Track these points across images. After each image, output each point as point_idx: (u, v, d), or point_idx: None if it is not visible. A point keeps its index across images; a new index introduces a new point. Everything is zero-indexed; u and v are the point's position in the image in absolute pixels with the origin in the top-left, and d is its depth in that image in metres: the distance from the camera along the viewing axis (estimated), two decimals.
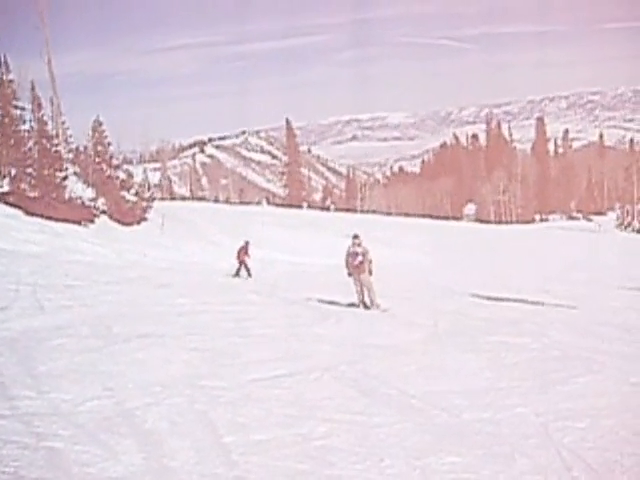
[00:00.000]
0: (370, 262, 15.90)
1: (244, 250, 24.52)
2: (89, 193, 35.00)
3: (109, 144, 39.08)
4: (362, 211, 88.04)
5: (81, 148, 45.64)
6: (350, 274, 16.08)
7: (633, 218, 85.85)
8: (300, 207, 78.86)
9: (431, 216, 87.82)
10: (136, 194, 38.13)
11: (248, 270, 24.09)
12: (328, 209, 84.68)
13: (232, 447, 5.98)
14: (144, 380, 8.06)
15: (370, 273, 15.85)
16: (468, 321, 14.42)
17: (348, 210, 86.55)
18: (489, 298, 18.55)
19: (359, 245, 16.00)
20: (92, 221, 32.53)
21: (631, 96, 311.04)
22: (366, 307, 15.78)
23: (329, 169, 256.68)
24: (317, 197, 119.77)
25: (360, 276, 15.81)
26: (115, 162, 39.38)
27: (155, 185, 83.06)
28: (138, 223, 35.46)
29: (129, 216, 35.20)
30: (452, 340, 11.91)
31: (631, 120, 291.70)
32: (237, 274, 23.90)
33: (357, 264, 15.79)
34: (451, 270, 33.02)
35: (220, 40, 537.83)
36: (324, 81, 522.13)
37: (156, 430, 6.33)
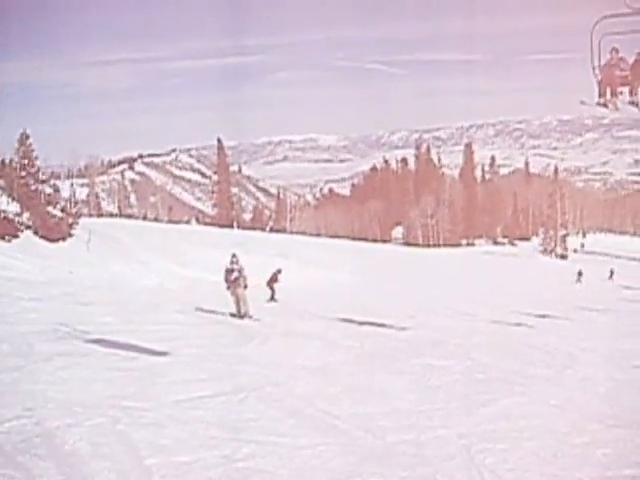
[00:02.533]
0: (245, 278, 17.83)
1: (275, 277, 24.57)
2: (13, 207, 34.08)
3: (36, 158, 38.13)
4: (292, 232, 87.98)
5: (7, 161, 44.55)
6: (228, 288, 17.92)
7: (556, 244, 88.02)
8: (230, 227, 78.51)
9: (360, 238, 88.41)
10: (62, 210, 37.26)
11: (273, 295, 24.02)
12: (264, 229, 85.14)
13: (154, 469, 5.91)
14: (65, 400, 7.88)
15: (245, 287, 17.74)
16: (393, 343, 14.56)
17: (278, 231, 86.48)
18: (407, 327, 18.77)
19: (236, 263, 18.08)
20: (16, 236, 31.63)
21: (556, 125, 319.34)
22: (241, 317, 17.44)
23: (260, 189, 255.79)
24: (247, 217, 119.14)
25: (236, 290, 17.73)
26: (42, 176, 38.47)
27: (82, 201, 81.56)
28: (64, 239, 34.62)
29: (55, 232, 34.37)
30: (377, 362, 12.00)
31: (555, 148, 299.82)
32: (272, 299, 23.81)
33: (233, 279, 17.79)
34: (376, 292, 33.22)
35: (153, 56, 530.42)
36: (257, 101, 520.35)
37: (76, 452, 6.20)
